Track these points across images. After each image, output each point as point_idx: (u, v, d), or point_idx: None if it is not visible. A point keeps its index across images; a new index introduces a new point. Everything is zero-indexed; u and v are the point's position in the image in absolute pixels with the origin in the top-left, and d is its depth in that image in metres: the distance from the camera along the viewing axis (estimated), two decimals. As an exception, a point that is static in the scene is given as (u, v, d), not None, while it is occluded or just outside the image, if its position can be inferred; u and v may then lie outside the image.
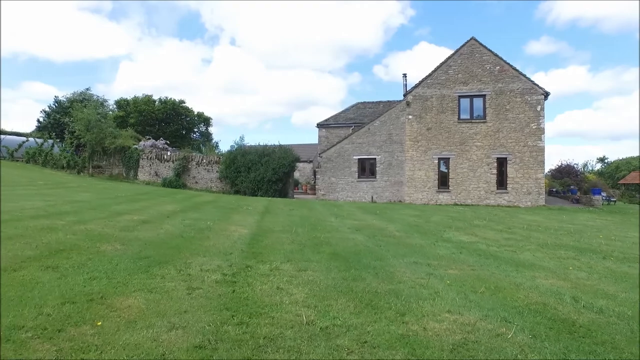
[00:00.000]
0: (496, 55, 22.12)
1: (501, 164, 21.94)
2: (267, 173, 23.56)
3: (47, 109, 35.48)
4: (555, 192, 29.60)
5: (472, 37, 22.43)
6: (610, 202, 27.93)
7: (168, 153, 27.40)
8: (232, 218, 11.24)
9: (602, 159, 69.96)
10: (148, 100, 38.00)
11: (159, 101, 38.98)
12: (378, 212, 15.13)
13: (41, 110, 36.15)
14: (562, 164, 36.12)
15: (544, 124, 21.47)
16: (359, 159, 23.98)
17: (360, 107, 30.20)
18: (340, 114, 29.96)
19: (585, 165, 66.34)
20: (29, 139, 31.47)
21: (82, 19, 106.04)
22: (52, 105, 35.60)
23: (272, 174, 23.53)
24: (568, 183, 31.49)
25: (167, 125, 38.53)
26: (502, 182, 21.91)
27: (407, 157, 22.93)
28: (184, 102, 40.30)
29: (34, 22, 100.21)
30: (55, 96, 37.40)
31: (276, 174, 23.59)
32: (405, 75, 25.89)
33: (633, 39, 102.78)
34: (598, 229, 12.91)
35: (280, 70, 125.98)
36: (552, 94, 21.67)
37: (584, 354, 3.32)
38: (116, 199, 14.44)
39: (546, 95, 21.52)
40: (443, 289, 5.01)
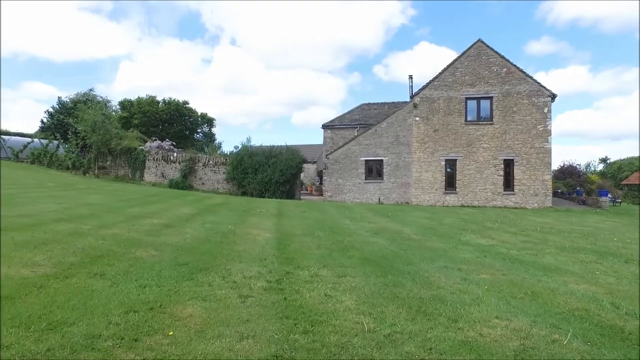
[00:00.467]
0: (503, 57, 22.25)
1: (508, 165, 22.10)
2: (275, 174, 23.55)
3: (51, 110, 35.50)
4: (560, 193, 29.62)
5: (479, 39, 22.56)
6: (615, 204, 28.05)
7: (174, 154, 27.42)
8: (249, 221, 11.33)
9: (604, 160, 70.28)
10: (152, 101, 38.05)
11: (163, 102, 39.03)
12: (390, 215, 15.23)
13: (45, 111, 36.33)
14: (565, 164, 36.18)
15: (551, 126, 21.65)
16: (366, 160, 24.08)
17: (365, 108, 30.29)
18: (345, 115, 30.05)
19: (588, 165, 66.59)
20: (34, 140, 31.43)
21: (82, 19, 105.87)
22: (56, 106, 35.61)
23: (279, 175, 23.53)
24: (572, 184, 31.61)
25: (170, 126, 38.57)
26: (508, 183, 22.07)
27: (414, 159, 23.05)
28: (188, 103, 40.45)
29: (34, 22, 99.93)
30: (59, 97, 37.45)
31: (284, 175, 23.60)
32: (412, 76, 26.08)
33: (633, 39, 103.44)
34: (610, 231, 13.06)
35: (280, 70, 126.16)
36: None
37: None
38: (128, 201, 14.46)
39: (553, 97, 21.69)
40: (483, 294, 5.11)
